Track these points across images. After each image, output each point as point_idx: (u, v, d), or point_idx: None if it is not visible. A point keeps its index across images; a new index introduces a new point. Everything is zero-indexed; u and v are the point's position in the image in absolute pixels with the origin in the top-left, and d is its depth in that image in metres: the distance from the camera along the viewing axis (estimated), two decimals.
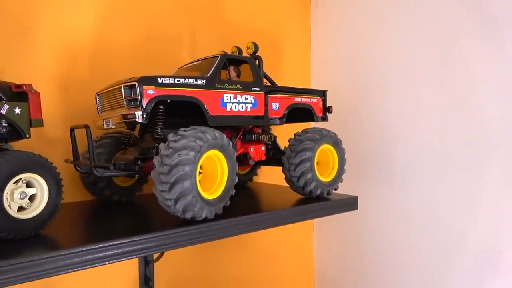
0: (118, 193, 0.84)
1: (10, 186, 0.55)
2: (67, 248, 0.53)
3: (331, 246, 1.33)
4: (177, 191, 0.60)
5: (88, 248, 0.54)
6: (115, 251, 0.57)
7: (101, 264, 0.56)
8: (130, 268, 0.98)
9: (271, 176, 1.13)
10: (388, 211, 1.16)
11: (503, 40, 0.92)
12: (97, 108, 0.79)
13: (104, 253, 0.56)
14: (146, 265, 0.98)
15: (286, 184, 0.88)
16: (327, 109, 0.98)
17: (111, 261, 0.57)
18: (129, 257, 0.58)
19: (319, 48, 1.37)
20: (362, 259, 1.24)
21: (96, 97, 0.78)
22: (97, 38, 0.94)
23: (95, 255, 0.55)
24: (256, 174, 1.11)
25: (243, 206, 0.81)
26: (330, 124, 1.00)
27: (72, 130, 0.72)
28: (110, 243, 0.56)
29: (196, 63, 0.85)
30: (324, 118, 0.98)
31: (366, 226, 1.22)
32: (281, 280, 1.23)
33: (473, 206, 0.99)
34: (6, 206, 0.54)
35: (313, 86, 1.36)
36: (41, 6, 0.85)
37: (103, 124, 0.74)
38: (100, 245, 0.55)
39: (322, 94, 0.97)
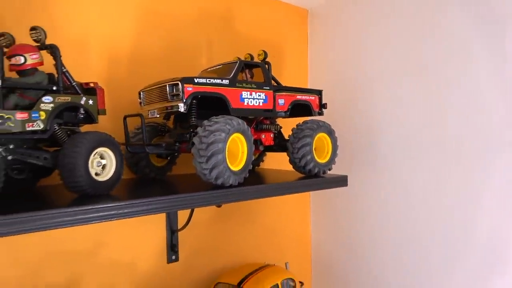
0: (154, 171, 1.04)
1: (91, 156, 0.75)
2: (124, 200, 0.72)
3: (325, 222, 1.54)
4: (212, 162, 0.80)
5: (139, 201, 0.73)
6: (159, 205, 0.75)
7: (151, 213, 0.74)
8: (159, 236, 1.17)
9: (274, 164, 1.34)
10: (374, 191, 1.38)
11: (501, 38, 1.12)
12: (140, 102, 0.99)
13: (152, 206, 0.74)
14: (172, 234, 1.18)
15: (288, 169, 1.08)
16: (322, 105, 1.18)
17: (158, 212, 0.76)
18: (172, 210, 0.78)
19: (315, 54, 1.58)
20: (352, 233, 1.45)
21: (140, 94, 0.98)
22: (134, 46, 1.13)
23: (144, 207, 0.73)
24: (263, 161, 1.31)
25: (257, 180, 1.01)
26: (326, 118, 1.21)
27: (125, 118, 0.92)
28: (159, 198, 0.75)
29: (218, 67, 1.05)
30: (320, 113, 1.18)
31: (355, 205, 1.43)
32: (283, 251, 1.44)
33: (444, 187, 1.21)
34: (90, 170, 0.74)
35: (310, 86, 1.57)
36: (92, 22, 1.05)
37: (148, 114, 0.94)
38: (150, 199, 0.74)
39: (319, 93, 1.18)
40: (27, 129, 0.70)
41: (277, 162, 1.31)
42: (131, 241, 1.12)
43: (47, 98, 0.73)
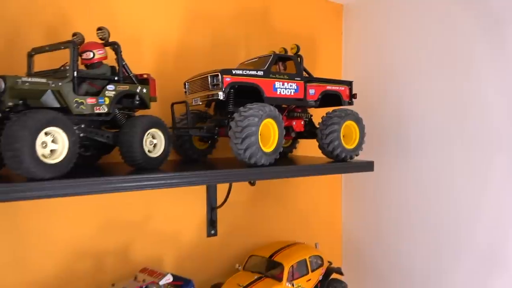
0: (196, 153, 1.17)
1: (145, 136, 0.88)
2: (171, 172, 0.86)
3: (355, 207, 1.61)
4: (246, 143, 0.91)
5: (184, 173, 0.86)
6: (201, 178, 0.88)
7: (194, 184, 0.88)
8: (200, 212, 1.31)
9: (306, 152, 1.43)
10: (401, 179, 1.43)
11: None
12: (185, 91, 1.12)
13: (194, 178, 0.87)
14: (212, 210, 1.31)
15: (318, 155, 1.17)
16: (352, 96, 1.25)
17: (200, 184, 0.89)
18: (212, 183, 0.91)
19: (350, 47, 1.64)
20: (381, 218, 1.51)
21: (185, 84, 1.11)
22: (180, 43, 1.27)
23: (188, 179, 0.86)
24: (295, 148, 1.41)
25: (288, 162, 1.11)
26: (359, 108, 1.24)
27: (172, 105, 1.05)
28: (200, 172, 0.88)
29: (254, 60, 1.16)
30: (350, 103, 1.25)
31: (384, 192, 1.49)
32: (314, 233, 1.52)
33: (471, 177, 1.24)
34: (144, 148, 0.87)
35: (344, 78, 1.63)
36: (146, 22, 1.20)
37: (192, 102, 1.07)
38: (193, 173, 0.87)
39: (349, 84, 1.24)
40: (95, 111, 0.85)
41: (309, 150, 1.40)
42: (176, 215, 1.26)
43: (110, 87, 0.87)
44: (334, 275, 1.30)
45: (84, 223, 1.12)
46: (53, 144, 0.73)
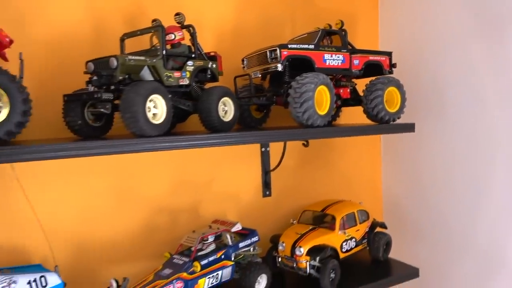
0: (254, 122, 1.32)
1: (219, 103, 1.05)
2: (233, 132, 1.03)
3: (395, 169, 1.74)
4: (304, 107, 1.06)
5: (248, 133, 1.03)
6: (260, 137, 1.06)
7: (255, 142, 1.06)
8: (256, 175, 1.48)
9: (347, 121, 1.56)
10: (439, 141, 1.54)
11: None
12: (243, 67, 1.28)
13: (255, 137, 1.05)
14: (266, 174, 1.48)
15: (360, 122, 1.31)
16: (392, 65, 1.37)
17: (260, 142, 1.11)
18: (269, 141, 1.13)
19: (385, 21, 1.74)
20: (418, 179, 1.63)
21: (243, 60, 1.27)
22: (235, 24, 1.42)
23: (251, 138, 1.03)
24: (339, 116, 1.54)
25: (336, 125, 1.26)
26: (399, 76, 1.35)
27: (235, 78, 1.21)
28: (261, 132, 1.05)
29: (303, 35, 1.29)
30: (390, 72, 1.37)
31: (421, 154, 1.60)
32: (357, 193, 1.66)
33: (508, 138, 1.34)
34: (219, 113, 1.04)
35: (381, 49, 1.74)
36: (206, 8, 1.35)
37: (252, 75, 1.22)
38: (255, 132, 1.04)
39: (389, 54, 1.36)
40: (179, 83, 1.02)
41: (351, 119, 1.53)
42: (235, 178, 1.44)
43: (190, 62, 1.04)
44: (379, 229, 1.45)
45: (162, 183, 1.31)
46: (155, 109, 0.90)
